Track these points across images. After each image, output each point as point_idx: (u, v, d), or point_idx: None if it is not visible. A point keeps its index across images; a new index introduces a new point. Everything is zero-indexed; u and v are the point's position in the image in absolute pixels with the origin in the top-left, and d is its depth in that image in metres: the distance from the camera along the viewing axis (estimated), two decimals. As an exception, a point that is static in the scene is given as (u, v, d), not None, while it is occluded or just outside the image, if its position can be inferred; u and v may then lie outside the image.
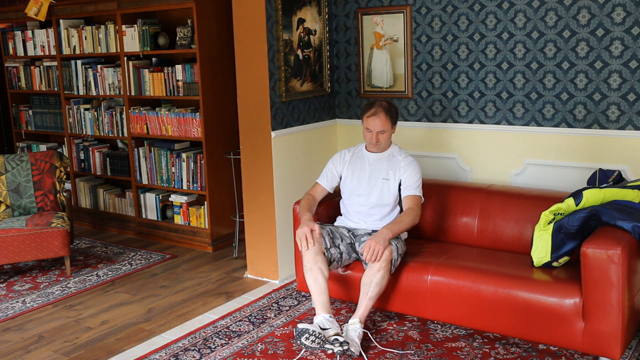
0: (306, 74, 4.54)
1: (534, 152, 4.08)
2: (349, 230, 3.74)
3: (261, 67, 4.22)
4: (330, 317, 3.33)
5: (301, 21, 4.43)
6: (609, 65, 3.76)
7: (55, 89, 6.08)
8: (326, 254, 3.52)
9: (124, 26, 5.33)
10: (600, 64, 3.79)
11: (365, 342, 3.46)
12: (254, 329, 3.71)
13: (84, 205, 6.12)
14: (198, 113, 5.06)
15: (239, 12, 4.27)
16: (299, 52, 4.46)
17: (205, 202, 5.18)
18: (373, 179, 3.70)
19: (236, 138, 4.85)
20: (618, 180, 3.51)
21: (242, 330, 3.71)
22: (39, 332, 3.83)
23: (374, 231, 3.69)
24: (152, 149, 5.42)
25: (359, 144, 3.87)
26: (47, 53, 6.07)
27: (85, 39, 5.69)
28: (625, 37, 3.68)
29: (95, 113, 5.83)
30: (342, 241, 3.63)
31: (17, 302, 4.29)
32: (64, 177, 5.11)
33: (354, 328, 3.33)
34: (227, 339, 3.60)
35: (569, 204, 3.36)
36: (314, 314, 3.42)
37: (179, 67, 5.10)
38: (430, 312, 3.50)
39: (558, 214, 3.39)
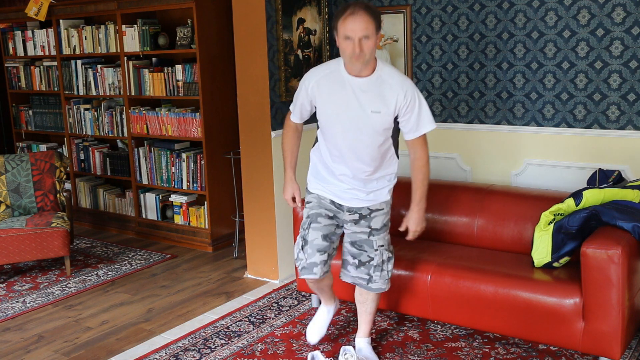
0: (306, 74, 4.54)
1: (534, 152, 4.08)
2: (332, 208, 3.14)
3: (261, 67, 4.22)
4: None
5: (301, 21, 4.43)
6: (609, 65, 3.76)
7: (55, 89, 6.08)
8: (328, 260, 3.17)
9: (124, 26, 5.33)
10: (600, 64, 3.79)
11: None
12: (254, 329, 3.71)
13: (84, 205, 6.12)
14: (198, 113, 5.06)
15: (239, 12, 4.27)
16: (299, 52, 4.46)
17: (205, 202, 5.18)
18: (360, 111, 2.89)
19: (236, 138, 4.85)
20: (618, 180, 3.51)
21: (242, 330, 3.71)
22: (39, 332, 3.83)
23: (363, 213, 3.11)
24: (152, 149, 5.42)
25: (331, 63, 3.00)
26: (47, 53, 6.07)
27: (85, 39, 5.69)
28: (625, 37, 3.68)
29: (95, 113, 5.83)
30: (333, 238, 3.18)
31: (17, 302, 4.29)
32: (64, 177, 5.11)
33: (366, 346, 3.31)
34: (227, 339, 3.60)
35: (569, 204, 3.36)
36: (314, 315, 3.45)
37: (179, 67, 5.10)
38: (430, 312, 3.50)
39: (558, 214, 3.39)
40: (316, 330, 3.41)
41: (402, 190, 4.04)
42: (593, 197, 3.33)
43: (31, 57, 6.28)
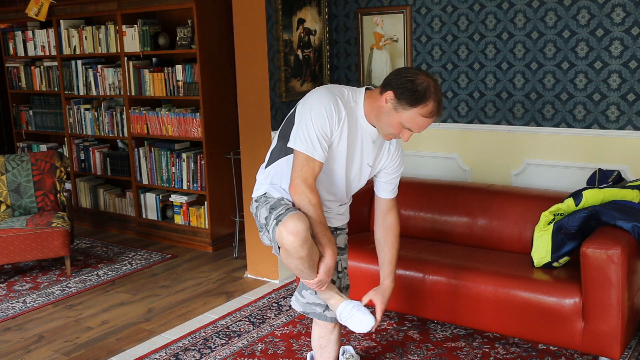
0: (306, 74, 4.55)
1: (534, 152, 4.08)
2: None
3: (261, 67, 4.22)
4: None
5: (301, 21, 4.44)
6: (608, 66, 3.76)
7: (56, 89, 6.09)
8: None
9: (124, 26, 5.33)
10: (599, 64, 3.79)
11: (365, 341, 3.47)
12: (254, 329, 3.71)
13: (84, 205, 6.13)
14: (198, 113, 5.07)
15: (239, 12, 4.28)
16: (299, 52, 4.46)
17: (205, 202, 5.18)
18: (359, 165, 2.69)
19: (236, 138, 4.85)
20: (617, 180, 3.52)
21: (242, 330, 3.71)
22: (40, 332, 3.83)
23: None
24: (152, 149, 5.42)
25: (350, 94, 2.60)
26: (47, 53, 6.07)
27: (86, 39, 5.69)
28: (624, 38, 3.69)
29: (96, 113, 5.83)
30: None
31: (17, 302, 4.29)
32: (64, 177, 5.11)
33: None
34: (227, 339, 3.60)
35: (568, 204, 3.36)
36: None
37: (179, 67, 5.11)
38: (430, 312, 3.50)
39: (558, 214, 3.39)
40: (366, 318, 2.65)
41: (402, 190, 4.05)
42: (593, 197, 3.33)
43: (31, 57, 6.28)
